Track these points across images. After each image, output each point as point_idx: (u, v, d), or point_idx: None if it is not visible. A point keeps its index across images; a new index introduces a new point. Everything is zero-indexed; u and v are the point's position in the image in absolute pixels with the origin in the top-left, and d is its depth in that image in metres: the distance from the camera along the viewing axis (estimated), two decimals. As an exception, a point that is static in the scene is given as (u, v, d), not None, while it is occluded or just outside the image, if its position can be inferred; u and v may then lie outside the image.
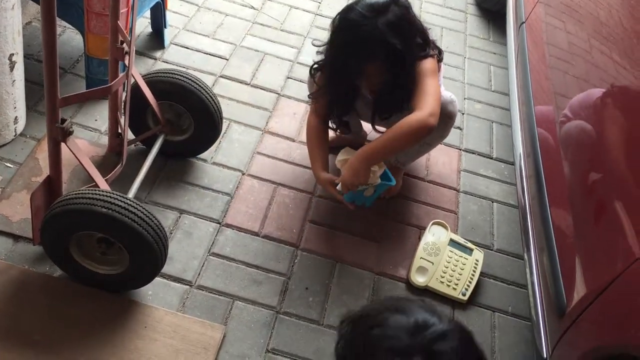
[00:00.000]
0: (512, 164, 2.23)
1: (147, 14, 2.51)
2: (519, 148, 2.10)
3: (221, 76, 2.48)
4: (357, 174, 1.78)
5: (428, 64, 1.84)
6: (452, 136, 2.41)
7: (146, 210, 1.54)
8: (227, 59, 2.56)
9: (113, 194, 1.52)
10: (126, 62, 1.73)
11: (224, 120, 2.10)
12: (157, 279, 1.70)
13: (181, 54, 2.52)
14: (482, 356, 0.77)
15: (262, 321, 1.71)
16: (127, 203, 1.50)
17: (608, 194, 1.34)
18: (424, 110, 1.74)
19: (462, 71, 2.83)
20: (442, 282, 1.90)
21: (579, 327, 1.24)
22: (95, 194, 1.50)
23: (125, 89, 1.84)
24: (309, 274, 1.87)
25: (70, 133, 1.52)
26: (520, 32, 2.35)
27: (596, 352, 1.13)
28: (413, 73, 1.81)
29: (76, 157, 1.56)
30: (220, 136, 2.13)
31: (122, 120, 1.86)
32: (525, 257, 1.72)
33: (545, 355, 1.44)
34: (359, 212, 2.06)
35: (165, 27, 2.52)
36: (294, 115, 2.39)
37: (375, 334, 0.75)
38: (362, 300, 1.84)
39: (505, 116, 2.61)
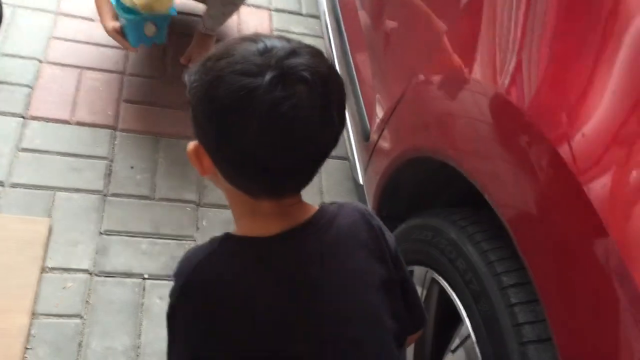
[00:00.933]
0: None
1: None
2: (323, 4, 2.14)
3: (-7, -43, 2.17)
4: None
5: None
6: (260, -3, 2.39)
7: None
8: (-5, -64, 2.24)
9: None
10: None
11: (5, 6, 1.88)
12: (-39, 185, 1.57)
13: None
14: (332, 66, 0.73)
15: (89, 207, 1.67)
16: None
17: (392, 26, 1.43)
18: None
19: None
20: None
21: (380, 145, 1.37)
22: None
23: None
24: (132, 153, 1.83)
25: None
26: None
27: (395, 161, 1.26)
28: None
29: None
30: (4, 24, 1.92)
31: None
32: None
33: (361, 182, 1.58)
34: (173, 85, 2.02)
35: None
36: (89, -8, 2.19)
37: (223, 63, 0.70)
38: (192, 169, 1.84)
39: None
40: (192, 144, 0.76)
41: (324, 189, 1.91)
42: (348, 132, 1.70)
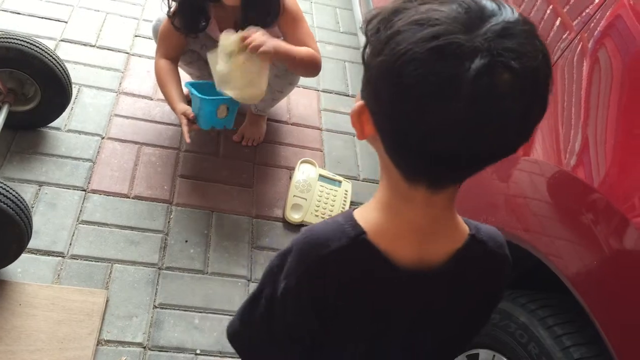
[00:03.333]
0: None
1: (-35, -22, 2.27)
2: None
3: (62, 40, 2.32)
4: (268, 42, 1.73)
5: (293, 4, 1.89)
6: (309, 79, 2.48)
7: (1, 182, 1.45)
8: (65, 22, 2.40)
9: (-41, 169, 1.40)
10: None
11: (73, 85, 2.00)
12: (25, 255, 1.60)
13: (13, 21, 2.33)
14: (545, 51, 0.60)
15: (145, 279, 1.69)
16: (-23, 177, 1.40)
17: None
18: (318, 54, 1.91)
19: (311, 15, 2.89)
20: (316, 216, 1.98)
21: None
22: (-62, 171, 1.38)
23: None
24: (186, 227, 1.87)
25: None
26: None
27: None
28: None
29: None
30: (71, 102, 2.02)
31: (-45, 94, 1.70)
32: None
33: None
34: (227, 161, 2.08)
35: (-12, -8, 2.31)
36: (148, 73, 2.31)
37: (418, 33, 0.56)
38: (243, 244, 1.87)
39: (356, 55, 2.72)
40: (357, 105, 0.65)
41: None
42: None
